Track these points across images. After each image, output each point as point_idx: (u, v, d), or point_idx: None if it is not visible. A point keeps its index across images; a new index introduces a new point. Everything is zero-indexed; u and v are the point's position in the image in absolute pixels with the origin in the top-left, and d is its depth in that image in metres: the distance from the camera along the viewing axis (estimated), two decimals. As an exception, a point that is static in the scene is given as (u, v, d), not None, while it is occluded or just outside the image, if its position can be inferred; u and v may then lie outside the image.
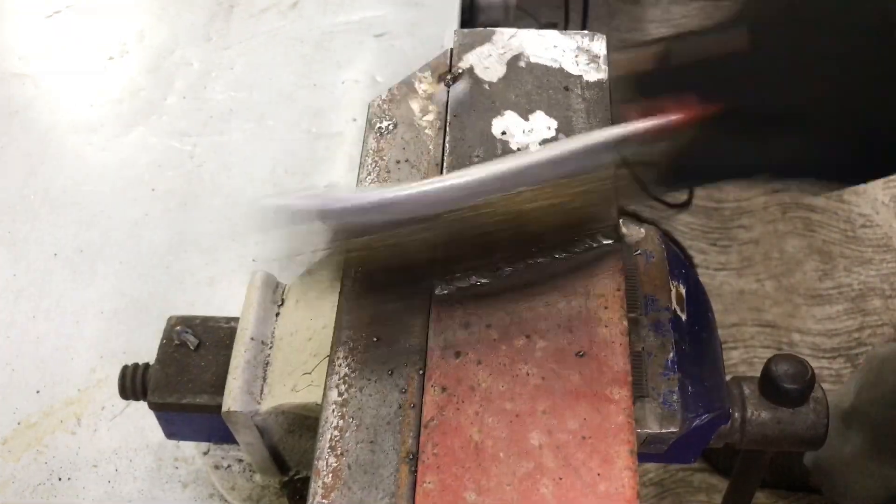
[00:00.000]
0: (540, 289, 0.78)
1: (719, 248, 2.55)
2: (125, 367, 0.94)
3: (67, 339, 1.18)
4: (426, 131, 0.92)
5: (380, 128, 0.93)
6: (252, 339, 0.89)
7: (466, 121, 0.92)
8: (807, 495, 2.30)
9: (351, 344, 0.77)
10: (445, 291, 0.79)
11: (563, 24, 2.88)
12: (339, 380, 0.75)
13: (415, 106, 0.95)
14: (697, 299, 0.86)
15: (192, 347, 0.92)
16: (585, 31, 0.99)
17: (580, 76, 0.94)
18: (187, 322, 0.94)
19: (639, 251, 0.85)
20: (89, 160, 1.39)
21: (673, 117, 0.64)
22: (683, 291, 0.84)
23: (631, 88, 0.71)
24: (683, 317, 0.82)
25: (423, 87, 0.96)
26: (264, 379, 0.88)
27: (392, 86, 0.98)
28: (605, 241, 0.81)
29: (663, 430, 0.75)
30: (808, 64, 0.55)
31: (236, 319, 0.92)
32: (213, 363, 0.91)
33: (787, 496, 2.31)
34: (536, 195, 0.72)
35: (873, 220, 2.71)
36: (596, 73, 0.95)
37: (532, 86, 0.94)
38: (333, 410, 0.73)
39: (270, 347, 0.90)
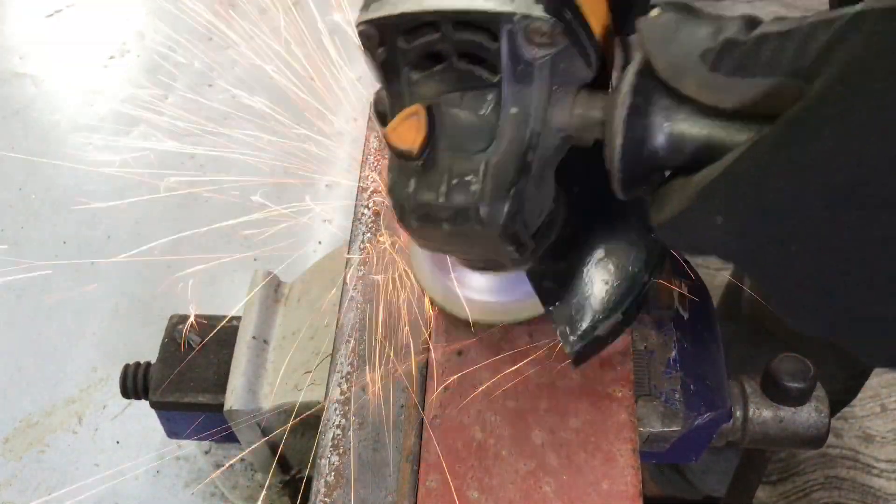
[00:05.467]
0: (542, 287, 0.78)
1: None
2: (126, 366, 0.94)
3: (69, 338, 1.18)
4: (428, 130, 0.92)
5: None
6: (254, 337, 0.89)
7: (468, 120, 0.92)
8: (807, 495, 2.30)
9: (353, 342, 0.77)
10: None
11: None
12: (341, 378, 0.75)
13: (416, 105, 0.94)
14: (699, 298, 0.85)
15: (193, 346, 0.92)
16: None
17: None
18: (189, 321, 0.94)
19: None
20: (90, 159, 1.39)
21: None
22: (686, 290, 0.84)
23: None
24: (685, 316, 0.82)
25: (424, 85, 0.96)
26: (266, 378, 0.87)
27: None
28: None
29: (665, 429, 0.75)
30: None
31: (238, 318, 0.92)
32: (214, 362, 0.91)
33: (788, 496, 2.31)
34: None
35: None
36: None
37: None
38: (336, 409, 0.73)
39: (272, 346, 0.90)
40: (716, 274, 2.47)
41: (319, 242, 1.23)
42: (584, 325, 0.65)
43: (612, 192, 0.54)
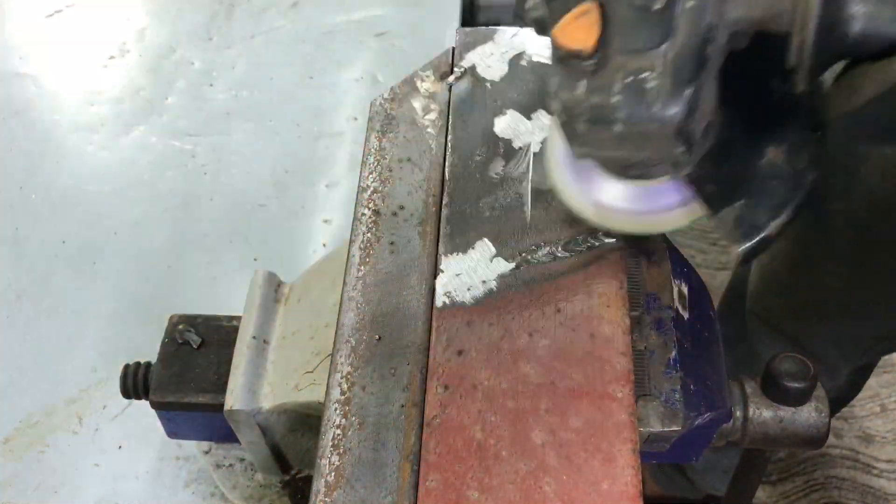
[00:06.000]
0: (542, 287, 0.78)
1: (719, 247, 2.55)
2: (127, 366, 0.94)
3: (69, 338, 1.18)
4: (428, 130, 0.92)
5: (382, 126, 0.93)
6: (254, 337, 0.89)
7: (468, 119, 0.92)
8: (807, 495, 2.30)
9: (353, 342, 0.77)
10: (448, 289, 0.79)
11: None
12: (341, 378, 0.75)
13: (417, 105, 0.95)
14: (699, 298, 0.86)
15: (193, 346, 0.92)
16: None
17: (582, 75, 0.94)
18: (189, 321, 0.94)
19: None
20: (90, 160, 1.39)
21: None
22: (685, 290, 0.84)
23: None
24: (685, 315, 0.82)
25: (424, 85, 0.96)
26: (266, 378, 0.87)
27: (394, 84, 0.98)
28: (608, 240, 0.81)
29: (665, 429, 0.75)
30: None
31: (238, 318, 0.92)
32: (214, 362, 0.91)
33: (788, 496, 2.31)
34: None
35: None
36: (597, 72, 0.94)
37: (534, 84, 0.94)
38: (336, 409, 0.73)
39: (272, 346, 0.90)
40: (716, 274, 2.47)
41: (324, 245, 1.23)
42: (755, 224, 0.65)
43: (771, 92, 0.53)
